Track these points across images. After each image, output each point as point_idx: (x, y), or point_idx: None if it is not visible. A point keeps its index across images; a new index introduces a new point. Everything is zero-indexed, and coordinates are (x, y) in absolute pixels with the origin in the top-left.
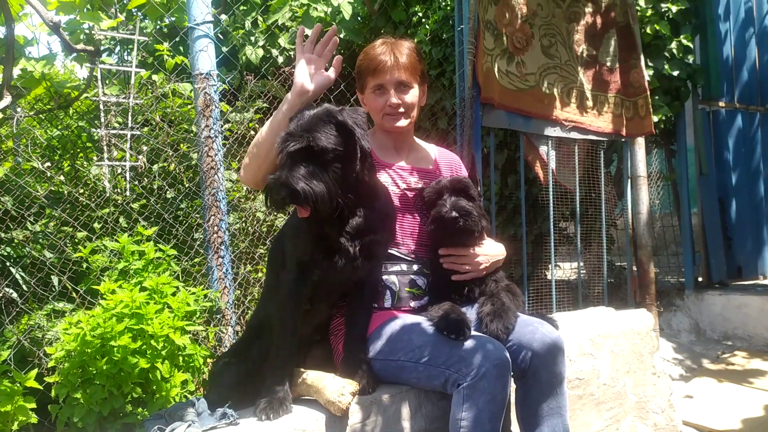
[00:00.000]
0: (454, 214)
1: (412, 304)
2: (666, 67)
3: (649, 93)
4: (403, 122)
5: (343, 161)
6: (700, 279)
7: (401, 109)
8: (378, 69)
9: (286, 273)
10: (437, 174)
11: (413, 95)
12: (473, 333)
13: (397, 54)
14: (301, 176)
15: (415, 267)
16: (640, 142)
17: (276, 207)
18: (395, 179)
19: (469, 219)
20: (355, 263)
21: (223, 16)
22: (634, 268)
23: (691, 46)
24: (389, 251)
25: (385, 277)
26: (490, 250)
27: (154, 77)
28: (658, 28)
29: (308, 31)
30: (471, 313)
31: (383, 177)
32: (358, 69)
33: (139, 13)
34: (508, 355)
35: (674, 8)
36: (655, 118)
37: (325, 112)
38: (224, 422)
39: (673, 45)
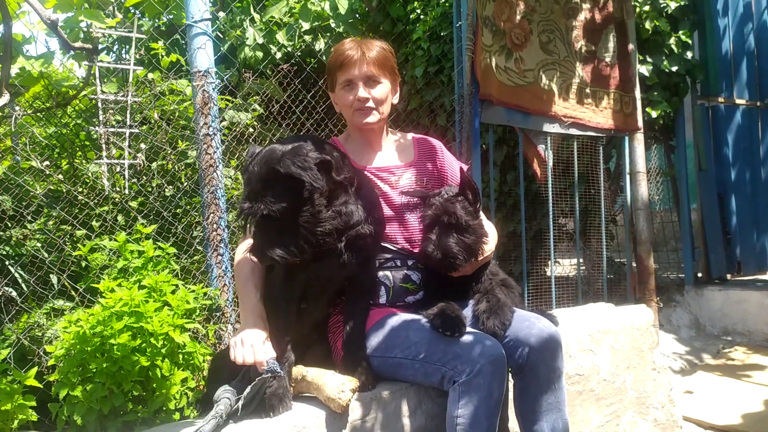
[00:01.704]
0: (439, 255)
1: (408, 299)
2: (665, 62)
3: (637, 88)
4: (372, 118)
5: (305, 202)
6: (699, 274)
7: (370, 104)
8: (345, 63)
9: (274, 275)
10: (420, 165)
11: (382, 90)
12: (469, 330)
13: (364, 49)
14: (275, 241)
15: (409, 262)
16: (639, 137)
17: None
18: (376, 181)
19: (456, 261)
20: (341, 259)
21: (221, 14)
22: (634, 264)
23: (690, 41)
24: (383, 245)
25: (379, 273)
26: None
27: (150, 75)
28: (657, 23)
29: None
30: (467, 310)
31: None
32: (327, 67)
33: (137, 11)
34: (503, 351)
35: (673, 4)
36: (654, 114)
37: (267, 170)
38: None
39: (672, 41)
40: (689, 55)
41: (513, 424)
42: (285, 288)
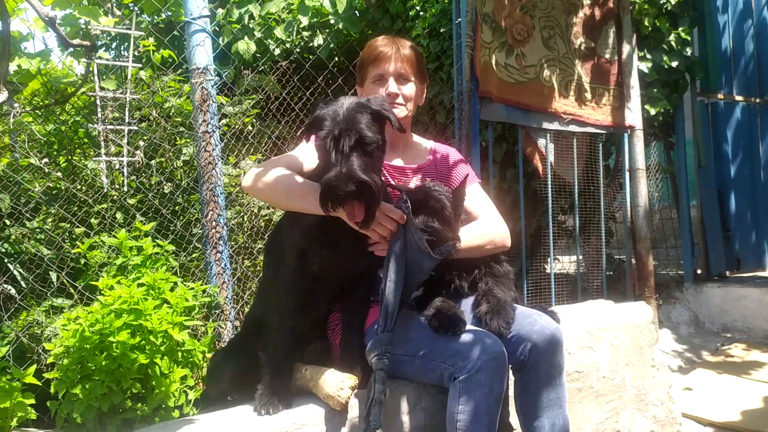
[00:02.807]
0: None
1: None
2: (664, 59)
3: (635, 85)
4: (400, 113)
5: (381, 152)
6: (699, 271)
7: (399, 100)
8: (379, 58)
9: (285, 266)
10: (432, 169)
11: (412, 89)
12: (469, 327)
13: (399, 46)
14: (361, 168)
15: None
16: (639, 134)
17: (340, 202)
18: (388, 179)
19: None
20: (360, 251)
21: (220, 10)
22: (633, 261)
23: (690, 38)
24: None
25: (379, 270)
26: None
27: (143, 73)
28: (656, 20)
29: None
30: (466, 305)
31: None
32: (360, 61)
33: (136, 8)
34: (504, 348)
35: (672, 0)
36: (653, 111)
37: (358, 104)
38: None
39: (672, 37)
40: (689, 51)
41: (513, 420)
42: (295, 280)
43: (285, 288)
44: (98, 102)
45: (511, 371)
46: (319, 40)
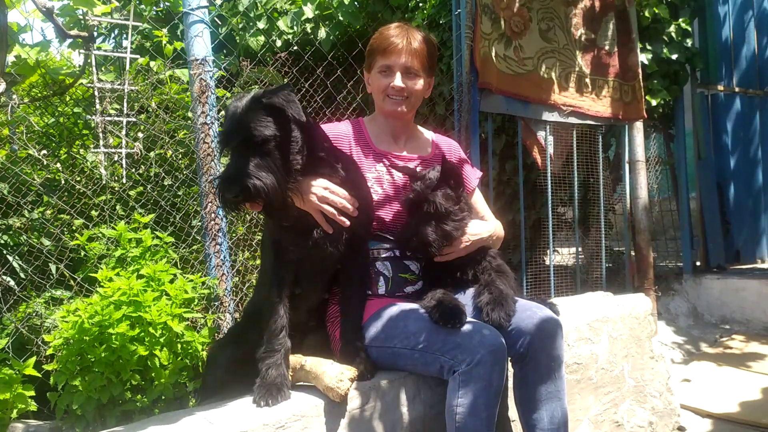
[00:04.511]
0: (415, 243)
1: (407, 289)
2: (664, 50)
3: (641, 77)
4: (403, 107)
5: (283, 145)
6: (698, 263)
7: (405, 94)
8: (389, 49)
9: (267, 257)
10: (433, 161)
11: (419, 84)
12: (468, 319)
13: (411, 39)
14: (250, 171)
15: (408, 252)
16: (639, 126)
17: (229, 207)
18: (389, 168)
19: (431, 248)
20: (330, 237)
21: (219, 0)
22: (633, 253)
23: (690, 29)
24: (382, 234)
25: (378, 263)
26: (473, 229)
27: (152, 63)
28: (656, 11)
29: None
30: (464, 298)
31: (378, 166)
32: (369, 47)
33: None
34: (503, 341)
35: None
36: (654, 102)
37: (252, 99)
38: None
39: (672, 28)
40: (689, 42)
41: (513, 413)
42: (278, 271)
43: (269, 279)
44: (96, 93)
45: (510, 363)
46: (321, 33)
